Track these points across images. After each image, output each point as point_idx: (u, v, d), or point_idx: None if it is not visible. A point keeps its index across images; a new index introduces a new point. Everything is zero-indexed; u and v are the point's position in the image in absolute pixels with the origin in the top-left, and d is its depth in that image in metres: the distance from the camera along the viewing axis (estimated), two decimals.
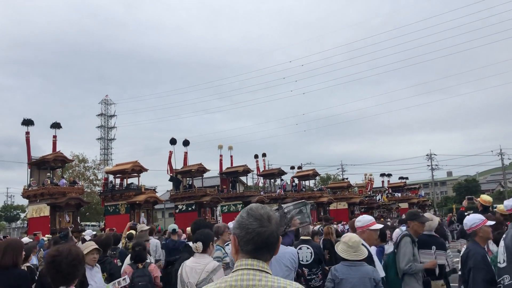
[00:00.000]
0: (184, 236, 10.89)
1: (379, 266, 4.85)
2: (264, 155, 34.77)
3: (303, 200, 5.13)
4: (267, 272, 1.83)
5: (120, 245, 8.75)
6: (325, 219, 15.34)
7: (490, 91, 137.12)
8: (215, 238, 5.12)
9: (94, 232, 12.67)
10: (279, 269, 4.01)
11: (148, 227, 9.29)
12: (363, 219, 5.12)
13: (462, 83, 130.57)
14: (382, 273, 4.74)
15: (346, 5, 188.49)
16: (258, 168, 34.32)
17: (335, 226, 13.25)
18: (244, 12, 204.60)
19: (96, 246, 5.00)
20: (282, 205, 4.82)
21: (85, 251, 4.57)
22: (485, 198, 7.99)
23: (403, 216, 30.31)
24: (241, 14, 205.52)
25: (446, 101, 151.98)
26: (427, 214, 6.15)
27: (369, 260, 4.47)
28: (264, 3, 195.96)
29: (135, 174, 24.35)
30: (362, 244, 4.40)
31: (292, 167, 36.25)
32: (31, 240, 11.74)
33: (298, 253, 4.98)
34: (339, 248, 4.33)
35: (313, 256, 6.81)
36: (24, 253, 4.64)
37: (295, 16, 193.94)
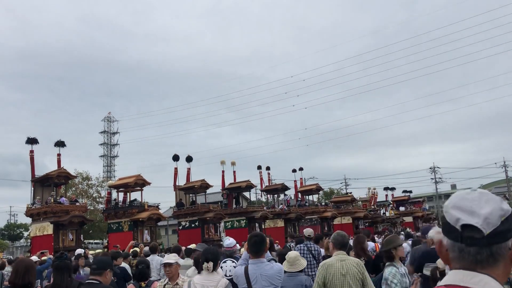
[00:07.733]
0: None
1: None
2: (268, 168, 34.73)
3: None
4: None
5: (123, 264, 8.68)
6: (293, 236, 14.57)
7: (501, 101, 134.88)
8: None
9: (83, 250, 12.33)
10: (266, 286, 4.54)
11: None
12: None
13: (474, 92, 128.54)
14: None
15: (360, 13, 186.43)
16: (261, 179, 34.17)
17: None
18: (256, 19, 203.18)
19: None
20: None
21: None
22: None
23: (407, 230, 30.16)
24: (253, 22, 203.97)
25: (457, 111, 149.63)
26: (434, 229, 6.10)
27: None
28: (276, 10, 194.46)
29: (138, 188, 24.21)
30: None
31: (294, 170, 36.57)
32: (38, 259, 11.67)
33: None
34: (284, 263, 5.48)
35: None
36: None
37: (307, 24, 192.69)
